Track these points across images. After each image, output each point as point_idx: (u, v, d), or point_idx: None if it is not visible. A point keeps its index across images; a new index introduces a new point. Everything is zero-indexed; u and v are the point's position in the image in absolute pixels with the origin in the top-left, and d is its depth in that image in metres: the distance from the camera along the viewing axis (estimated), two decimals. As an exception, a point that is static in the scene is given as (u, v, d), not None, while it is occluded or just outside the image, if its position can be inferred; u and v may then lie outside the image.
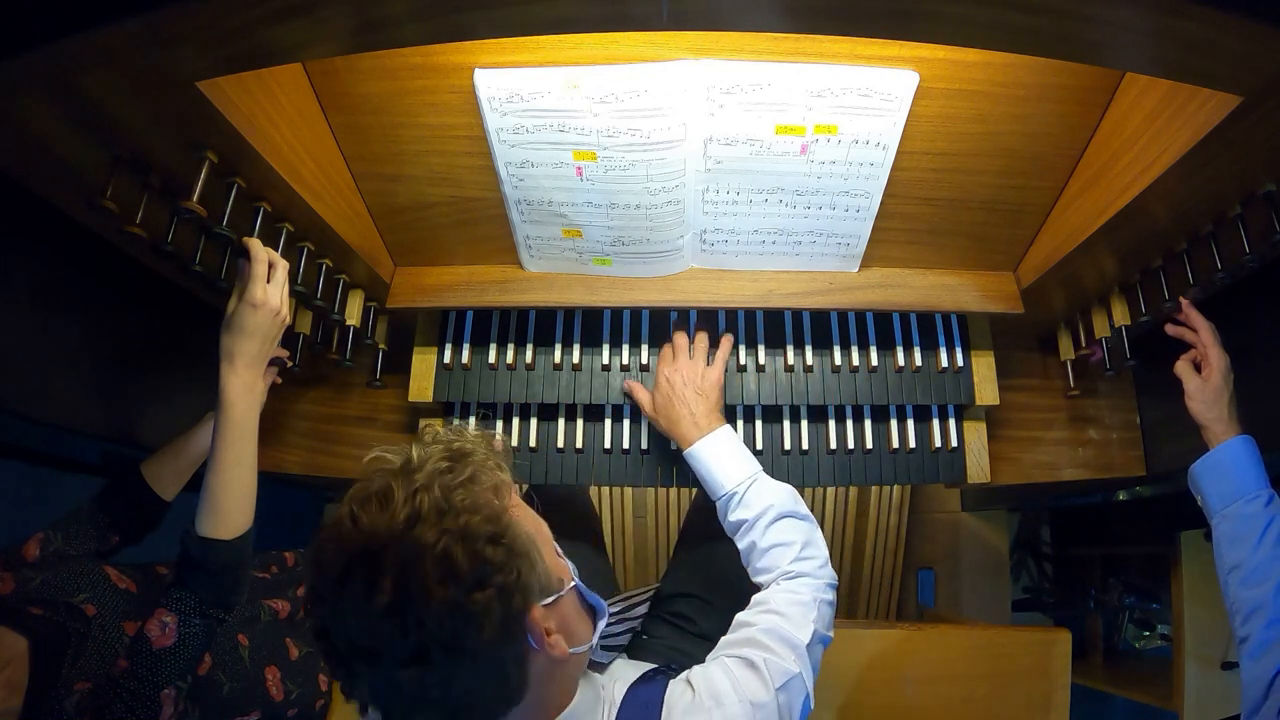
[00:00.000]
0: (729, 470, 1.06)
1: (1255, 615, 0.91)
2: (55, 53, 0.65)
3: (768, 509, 1.01)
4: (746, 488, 1.04)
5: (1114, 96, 0.97)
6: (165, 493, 1.13)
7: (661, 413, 1.16)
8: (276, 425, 1.41)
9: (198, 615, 0.90)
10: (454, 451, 0.72)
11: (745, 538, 1.02)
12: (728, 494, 1.05)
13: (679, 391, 1.14)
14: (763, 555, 0.99)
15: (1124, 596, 2.08)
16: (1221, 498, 0.99)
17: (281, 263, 0.94)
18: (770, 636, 0.86)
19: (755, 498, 1.03)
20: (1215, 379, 1.02)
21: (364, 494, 0.67)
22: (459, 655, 0.65)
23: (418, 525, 0.64)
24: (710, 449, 1.08)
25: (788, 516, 1.01)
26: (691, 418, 1.11)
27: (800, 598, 0.92)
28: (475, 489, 0.69)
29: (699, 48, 0.90)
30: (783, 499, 1.03)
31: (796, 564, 0.97)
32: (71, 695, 0.88)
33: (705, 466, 1.08)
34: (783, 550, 0.98)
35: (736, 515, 1.03)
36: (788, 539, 0.99)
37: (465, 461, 0.71)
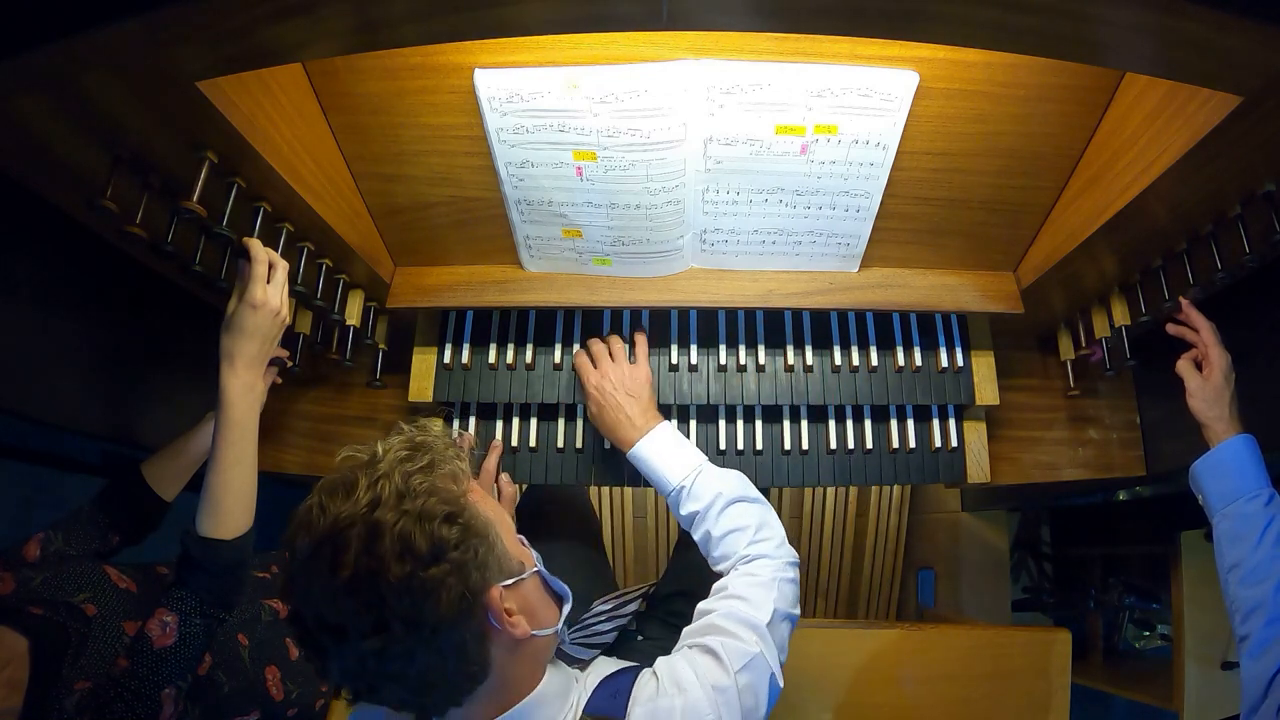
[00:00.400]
0: (673, 465, 1.06)
1: (1255, 614, 0.91)
2: (55, 53, 0.65)
3: (717, 497, 1.01)
4: (693, 480, 1.04)
5: (1114, 96, 0.97)
6: (166, 493, 1.13)
7: (597, 421, 1.16)
8: (276, 425, 1.41)
9: (198, 615, 0.90)
10: (415, 443, 0.76)
11: (699, 528, 1.02)
12: (675, 489, 1.05)
13: (610, 397, 1.14)
14: (719, 543, 1.00)
15: (1124, 596, 2.08)
16: (1222, 496, 0.99)
17: (281, 263, 0.94)
18: (729, 620, 0.87)
19: (703, 488, 1.03)
20: (1216, 378, 1.02)
21: (331, 485, 0.72)
22: (418, 629, 0.68)
23: (378, 508, 0.69)
24: (651, 447, 1.08)
25: (738, 502, 1.02)
26: (628, 420, 1.11)
27: (759, 579, 0.93)
28: (433, 475, 0.73)
29: (699, 48, 0.90)
30: (731, 485, 1.03)
31: (752, 547, 0.97)
32: (72, 695, 0.87)
33: (649, 465, 1.08)
34: (737, 535, 0.98)
35: (687, 508, 1.03)
36: (741, 524, 0.99)
37: (424, 450, 0.75)
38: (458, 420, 1.33)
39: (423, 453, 0.75)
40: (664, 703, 0.79)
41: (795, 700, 1.36)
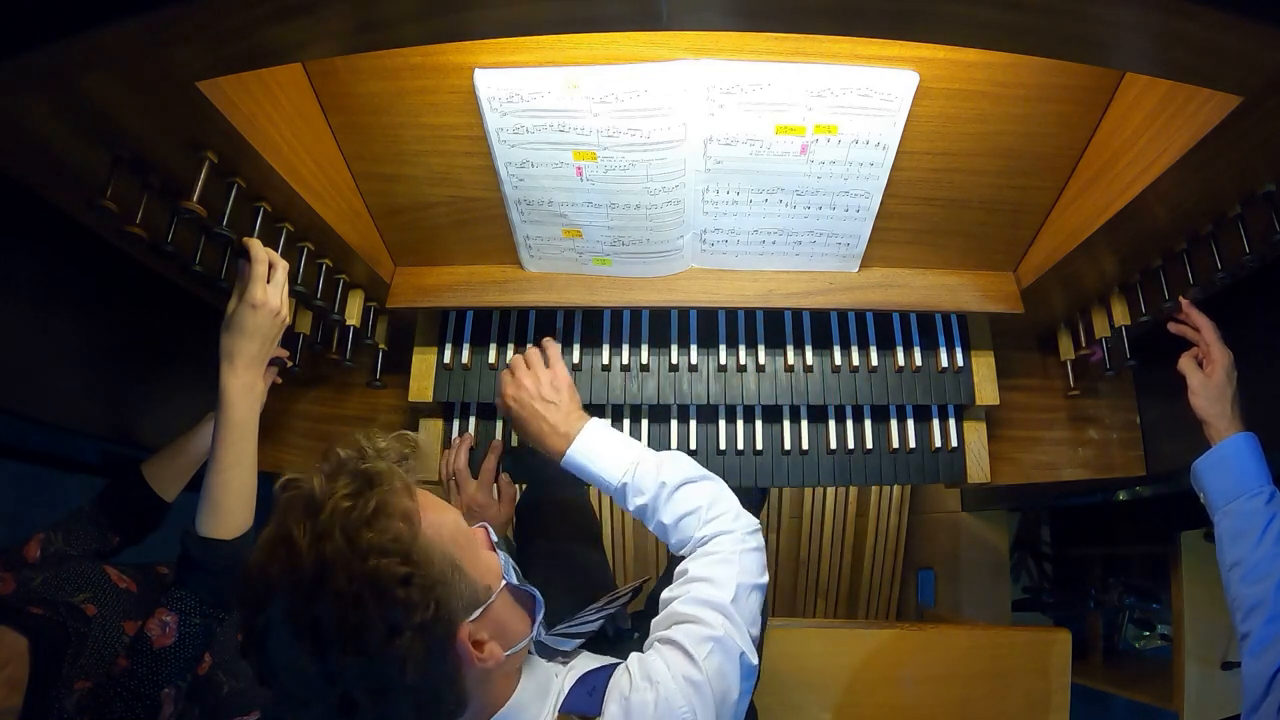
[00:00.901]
0: (609, 464, 1.01)
1: (1256, 612, 0.91)
2: (55, 53, 0.65)
3: (661, 486, 0.97)
4: (633, 473, 0.99)
5: (1114, 96, 0.97)
6: (166, 493, 1.13)
7: (524, 435, 1.09)
8: (276, 425, 1.41)
9: (198, 615, 0.90)
10: (361, 476, 0.70)
11: (652, 520, 0.99)
12: (618, 486, 1.00)
13: (527, 406, 1.07)
14: (674, 530, 0.97)
15: (1124, 596, 2.08)
16: (1223, 494, 0.99)
17: (281, 263, 0.94)
18: (691, 605, 0.85)
19: (644, 479, 0.99)
20: (1219, 375, 1.02)
21: (270, 539, 0.68)
22: (386, 696, 0.66)
23: (326, 578, 0.64)
24: (583, 450, 1.02)
25: (684, 485, 0.98)
26: (551, 428, 1.04)
27: (718, 555, 0.91)
28: (382, 522, 0.67)
29: (699, 48, 0.90)
30: (673, 470, 0.99)
31: (707, 526, 0.95)
32: (71, 694, 0.87)
33: (585, 470, 1.02)
34: (690, 519, 0.96)
35: (635, 503, 0.99)
36: (691, 506, 0.96)
37: (372, 491, 0.69)
38: (458, 420, 1.33)
39: (370, 494, 0.68)
40: (637, 698, 0.78)
41: (795, 700, 1.36)
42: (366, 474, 0.70)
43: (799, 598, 2.16)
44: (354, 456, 0.72)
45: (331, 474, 0.70)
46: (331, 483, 0.69)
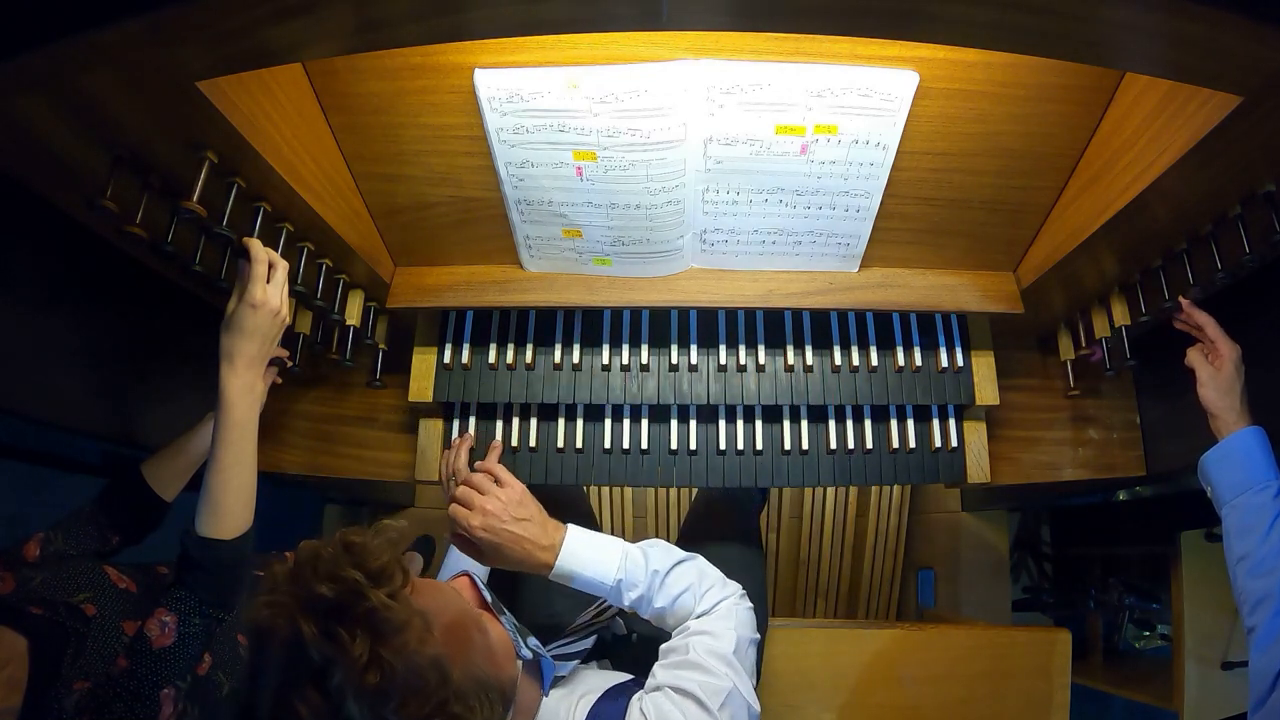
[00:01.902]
0: (598, 566, 0.99)
1: (1263, 605, 0.91)
2: (55, 53, 0.65)
3: (654, 575, 0.98)
4: (624, 568, 0.98)
5: (1114, 96, 0.97)
6: (166, 493, 1.13)
7: (502, 562, 1.00)
8: (276, 425, 1.41)
9: (197, 615, 0.90)
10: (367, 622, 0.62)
11: (648, 609, 0.99)
12: (612, 585, 0.98)
13: (502, 532, 0.98)
14: (672, 613, 0.99)
15: (1124, 596, 2.08)
16: (1231, 488, 0.99)
17: (281, 263, 0.94)
18: (702, 655, 0.88)
19: (636, 573, 0.98)
20: (1228, 368, 1.02)
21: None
22: None
23: None
24: (572, 561, 0.98)
25: (673, 569, 0.99)
26: (535, 545, 0.98)
27: (717, 614, 0.95)
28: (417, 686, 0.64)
29: (699, 48, 0.90)
30: (660, 558, 0.99)
31: (705, 599, 0.98)
32: (71, 694, 0.87)
33: (577, 575, 0.99)
34: (686, 596, 0.98)
35: (630, 597, 0.98)
36: (684, 585, 0.98)
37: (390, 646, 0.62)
38: (458, 420, 1.33)
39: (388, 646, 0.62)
40: None
41: (795, 700, 1.36)
42: (373, 623, 0.62)
43: (799, 598, 2.16)
44: (341, 591, 0.62)
45: (320, 623, 0.61)
46: (327, 638, 0.61)
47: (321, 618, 0.61)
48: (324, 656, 0.60)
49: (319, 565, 0.63)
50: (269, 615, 0.62)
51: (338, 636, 0.60)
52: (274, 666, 0.61)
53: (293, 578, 0.63)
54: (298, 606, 0.61)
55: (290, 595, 0.62)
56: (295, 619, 0.61)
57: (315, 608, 0.61)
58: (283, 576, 0.64)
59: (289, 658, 0.61)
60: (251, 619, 0.64)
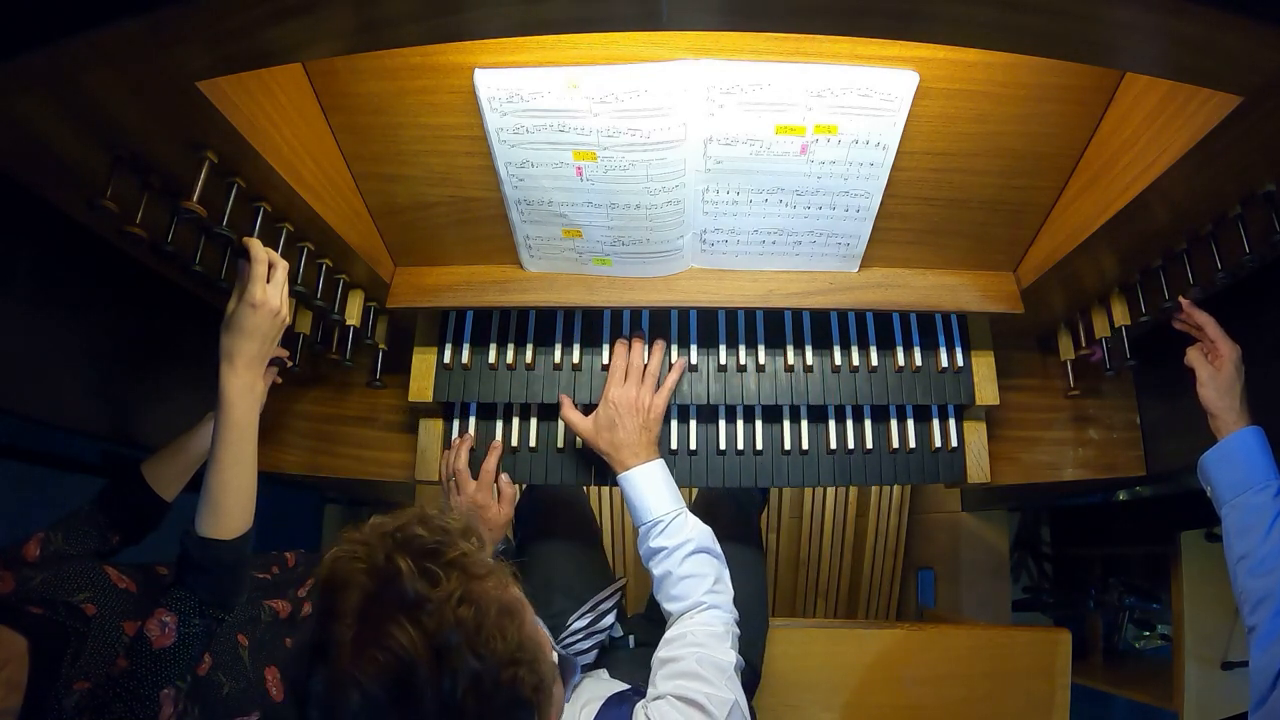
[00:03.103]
0: (657, 499, 1.10)
1: (1263, 605, 0.91)
2: (55, 53, 0.65)
3: (686, 541, 1.06)
4: (672, 519, 1.08)
5: (1114, 96, 0.97)
6: (166, 493, 1.13)
7: (604, 432, 1.16)
8: (276, 425, 1.41)
9: (198, 615, 0.90)
10: (458, 568, 0.65)
11: (661, 565, 1.06)
12: (653, 520, 1.09)
13: (625, 418, 1.15)
14: (677, 583, 1.04)
15: (1124, 596, 2.08)
16: (1231, 487, 0.99)
17: (281, 263, 0.94)
18: (705, 667, 0.91)
19: (678, 529, 1.07)
20: (1228, 368, 1.02)
21: (362, 649, 0.61)
22: None
23: (453, 697, 0.61)
24: (645, 477, 1.11)
25: (704, 552, 1.06)
26: (633, 445, 1.14)
27: (714, 629, 0.98)
28: (504, 626, 0.65)
29: (699, 48, 0.90)
30: (701, 535, 1.07)
31: (709, 596, 1.02)
32: (71, 695, 0.87)
33: (637, 492, 1.11)
34: (696, 582, 1.03)
35: (657, 542, 1.07)
36: (702, 572, 1.04)
37: (478, 588, 0.65)
38: (458, 420, 1.33)
39: (476, 588, 0.65)
40: None
41: (795, 700, 1.36)
42: (463, 565, 0.66)
43: (799, 598, 2.16)
44: (434, 539, 0.67)
45: (416, 561, 0.64)
46: (422, 575, 0.64)
47: (418, 556, 0.64)
48: (418, 592, 0.62)
49: (413, 518, 0.68)
50: (365, 551, 0.65)
51: (433, 573, 0.63)
52: (364, 600, 0.62)
53: (389, 524, 0.67)
54: (394, 546, 0.65)
55: (387, 536, 0.66)
56: (392, 556, 0.64)
57: (412, 548, 0.65)
58: (375, 523, 0.68)
59: (381, 590, 0.63)
60: (342, 556, 0.65)
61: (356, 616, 0.61)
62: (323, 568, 0.65)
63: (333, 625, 0.61)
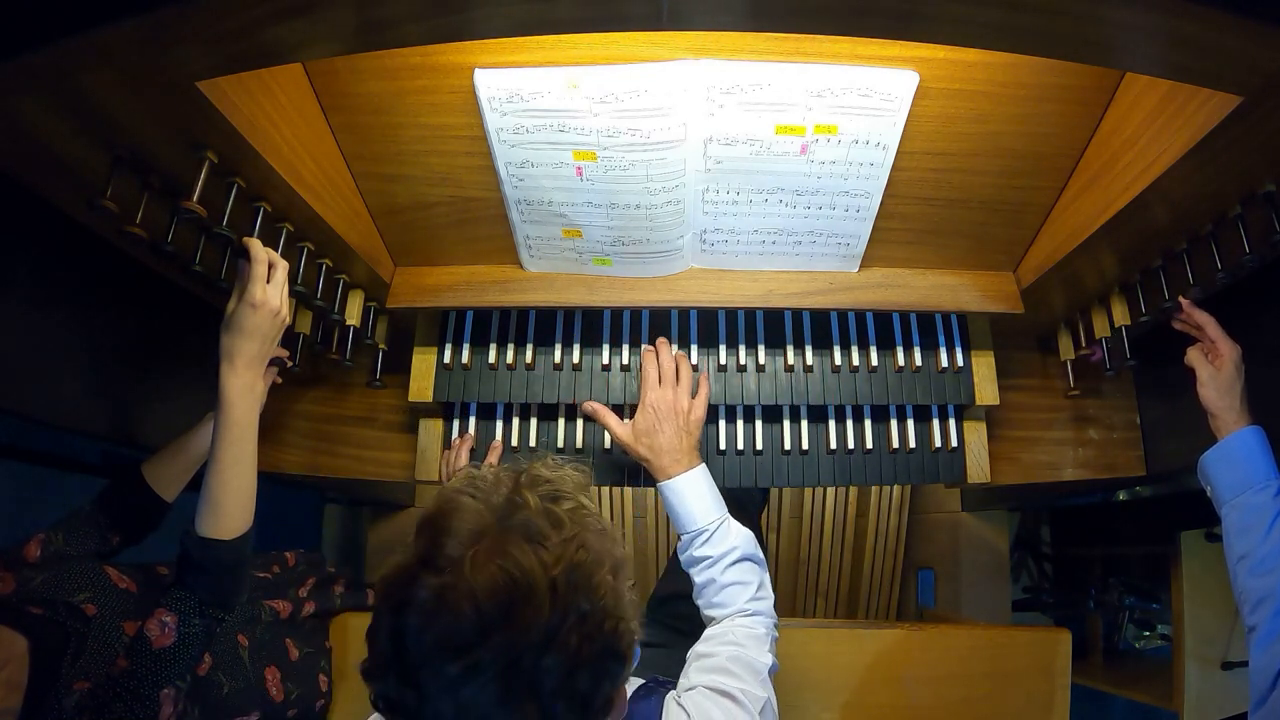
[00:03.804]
0: (700, 508, 1.07)
1: (1263, 604, 0.91)
2: (55, 53, 0.65)
3: (731, 550, 1.04)
4: (716, 527, 1.06)
5: (1114, 96, 0.97)
6: (166, 493, 1.13)
7: (643, 438, 1.13)
8: (276, 425, 1.41)
9: (198, 615, 0.90)
10: (576, 520, 0.66)
11: (705, 573, 1.05)
12: (697, 530, 1.06)
13: (665, 423, 1.13)
14: (719, 591, 1.03)
15: (1124, 596, 2.08)
16: (1231, 487, 0.99)
17: (281, 263, 0.94)
18: (736, 665, 0.91)
19: (722, 537, 1.06)
20: (1228, 368, 1.02)
21: (496, 574, 0.60)
22: None
23: (559, 633, 0.60)
24: (689, 485, 1.09)
25: (748, 560, 1.05)
26: (675, 452, 1.11)
27: (756, 632, 0.98)
28: (616, 578, 0.66)
29: (699, 48, 0.90)
30: (745, 542, 1.06)
31: (752, 603, 1.01)
32: (71, 695, 0.87)
33: (680, 500, 1.08)
34: (740, 589, 1.02)
35: (701, 551, 1.06)
36: (746, 579, 1.03)
37: (592, 537, 0.66)
38: (458, 420, 1.33)
39: (590, 538, 0.65)
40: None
41: (795, 700, 1.36)
42: (581, 516, 0.67)
43: (799, 598, 2.16)
44: (556, 487, 0.68)
45: (540, 501, 0.65)
46: (545, 514, 0.64)
47: (543, 498, 0.66)
48: (540, 527, 0.63)
49: (537, 463, 0.70)
50: (488, 486, 0.66)
51: (556, 515, 0.65)
52: (486, 524, 0.63)
53: (509, 471, 0.69)
54: (519, 483, 0.67)
55: (511, 473, 0.68)
56: (520, 491, 0.65)
57: (537, 488, 0.67)
58: (492, 466, 0.70)
59: (504, 518, 0.64)
60: (463, 490, 0.66)
61: (478, 536, 0.62)
62: (438, 499, 0.66)
63: (447, 542, 0.62)
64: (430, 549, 0.62)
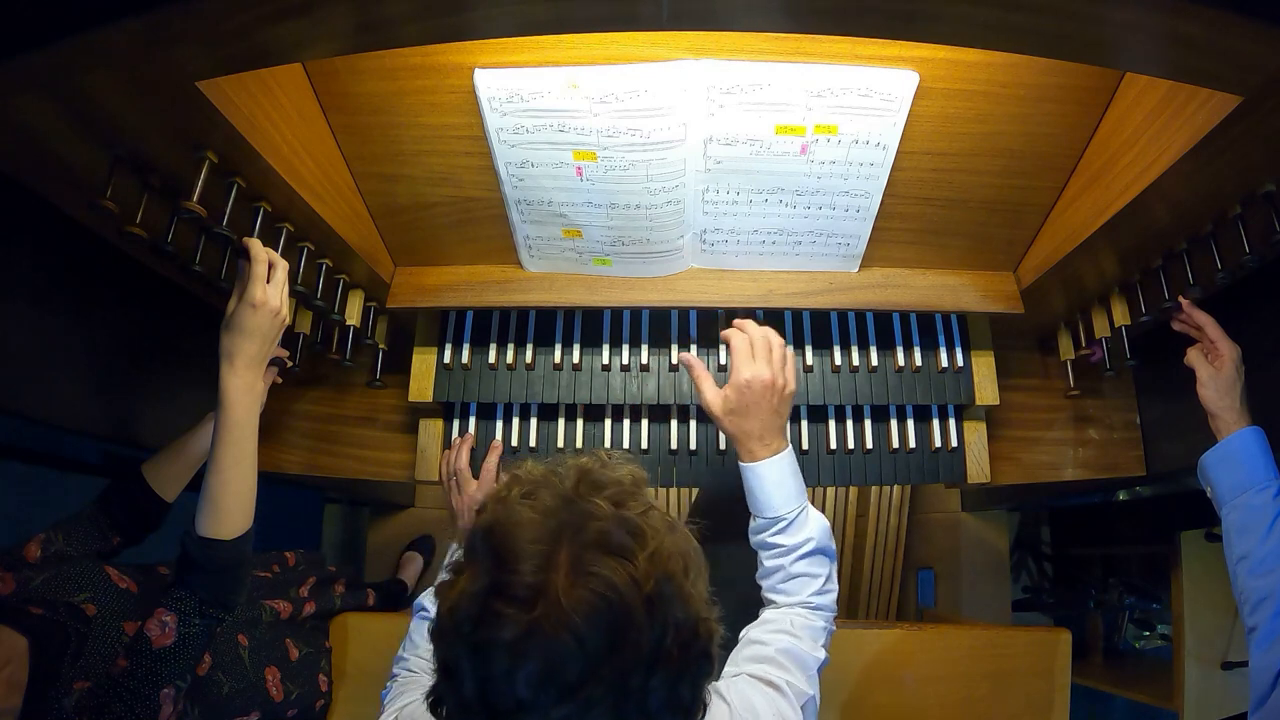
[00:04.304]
0: (783, 496, 1.02)
1: (1264, 605, 0.91)
2: (55, 53, 0.65)
3: (807, 540, 1.01)
4: (795, 515, 1.01)
5: (1114, 96, 0.97)
6: (166, 493, 1.13)
7: (735, 415, 1.03)
8: (276, 425, 1.41)
9: (198, 615, 0.90)
10: (657, 524, 0.63)
11: (776, 560, 1.02)
12: (776, 517, 1.02)
13: (758, 401, 1.02)
14: (788, 580, 1.01)
15: (1124, 596, 2.08)
16: (1231, 488, 0.99)
17: (281, 263, 0.94)
18: (786, 658, 0.89)
19: (799, 527, 1.01)
20: (1228, 368, 1.02)
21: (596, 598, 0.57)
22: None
23: (663, 648, 0.59)
24: (774, 470, 1.02)
25: (820, 553, 1.02)
26: (764, 434, 1.03)
27: (814, 625, 0.96)
28: (700, 579, 0.64)
29: (699, 48, 0.90)
30: (820, 533, 1.02)
31: (818, 597, 0.99)
32: (71, 694, 0.87)
33: (761, 485, 1.03)
34: (808, 581, 1.00)
35: (775, 539, 1.02)
36: (816, 572, 1.01)
37: (672, 540, 0.63)
38: (458, 420, 1.33)
39: (671, 540, 0.63)
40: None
41: (795, 700, 1.36)
42: (653, 519, 0.63)
43: (799, 598, 2.16)
44: (620, 490, 0.65)
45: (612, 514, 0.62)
46: (621, 523, 0.61)
47: (610, 503, 0.63)
48: (618, 542, 0.60)
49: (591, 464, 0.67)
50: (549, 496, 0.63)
51: (628, 520, 0.62)
52: (564, 544, 0.59)
53: (565, 471, 0.66)
54: (579, 487, 0.64)
55: (571, 479, 0.64)
56: (581, 495, 0.62)
57: (605, 495, 0.63)
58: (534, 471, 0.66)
59: (577, 535, 0.60)
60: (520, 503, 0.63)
61: (551, 556, 0.57)
62: (491, 513, 0.62)
63: (518, 565, 0.57)
64: (499, 574, 0.57)
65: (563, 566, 0.57)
